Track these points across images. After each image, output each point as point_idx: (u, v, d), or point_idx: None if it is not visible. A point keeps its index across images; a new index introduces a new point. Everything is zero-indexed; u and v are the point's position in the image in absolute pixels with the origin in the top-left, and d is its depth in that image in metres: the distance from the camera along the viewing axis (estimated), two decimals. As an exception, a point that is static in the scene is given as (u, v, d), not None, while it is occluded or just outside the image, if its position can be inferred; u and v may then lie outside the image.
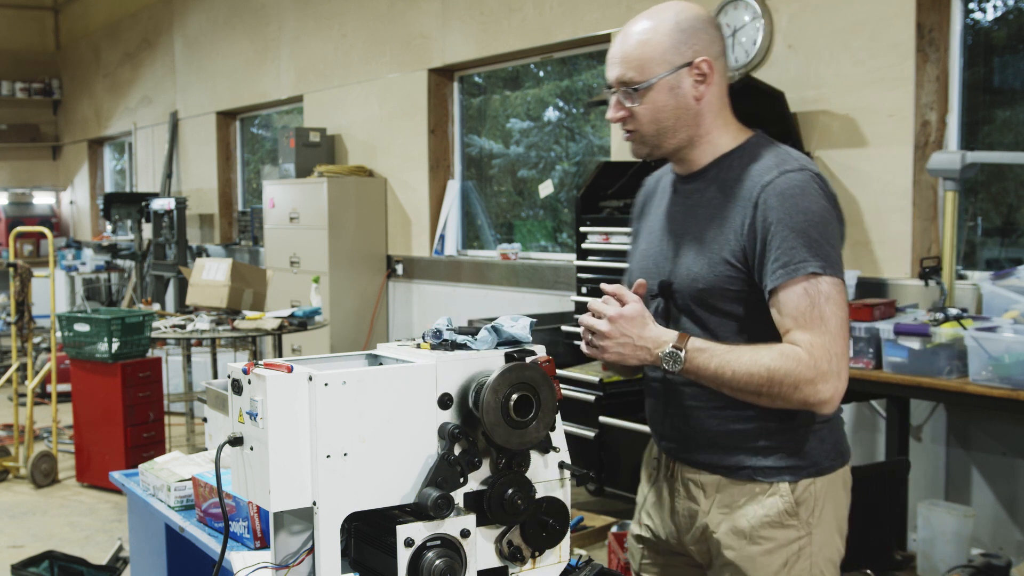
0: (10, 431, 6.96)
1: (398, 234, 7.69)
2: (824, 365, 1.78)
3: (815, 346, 1.78)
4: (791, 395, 1.79)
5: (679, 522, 2.05)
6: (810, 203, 1.83)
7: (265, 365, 1.67)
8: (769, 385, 1.79)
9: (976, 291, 4.14)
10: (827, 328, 1.79)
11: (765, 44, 4.89)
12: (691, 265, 1.94)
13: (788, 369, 1.78)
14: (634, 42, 1.91)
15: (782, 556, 1.93)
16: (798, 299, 1.80)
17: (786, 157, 1.91)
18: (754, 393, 1.81)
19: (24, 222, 11.68)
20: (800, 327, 1.80)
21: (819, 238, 1.81)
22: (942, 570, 3.89)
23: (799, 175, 1.86)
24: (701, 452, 1.99)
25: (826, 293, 1.80)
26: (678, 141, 1.95)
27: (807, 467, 1.94)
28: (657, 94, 1.90)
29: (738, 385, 1.81)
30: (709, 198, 1.96)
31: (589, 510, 4.98)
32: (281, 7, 9.00)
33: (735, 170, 1.93)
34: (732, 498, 1.96)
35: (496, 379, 1.70)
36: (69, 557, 4.39)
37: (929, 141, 4.43)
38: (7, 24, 14.54)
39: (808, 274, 1.79)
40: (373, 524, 1.73)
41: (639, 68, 1.90)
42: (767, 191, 1.85)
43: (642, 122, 1.93)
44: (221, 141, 10.46)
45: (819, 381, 1.78)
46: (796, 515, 1.92)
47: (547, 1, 6.24)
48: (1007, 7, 4.54)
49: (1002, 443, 4.19)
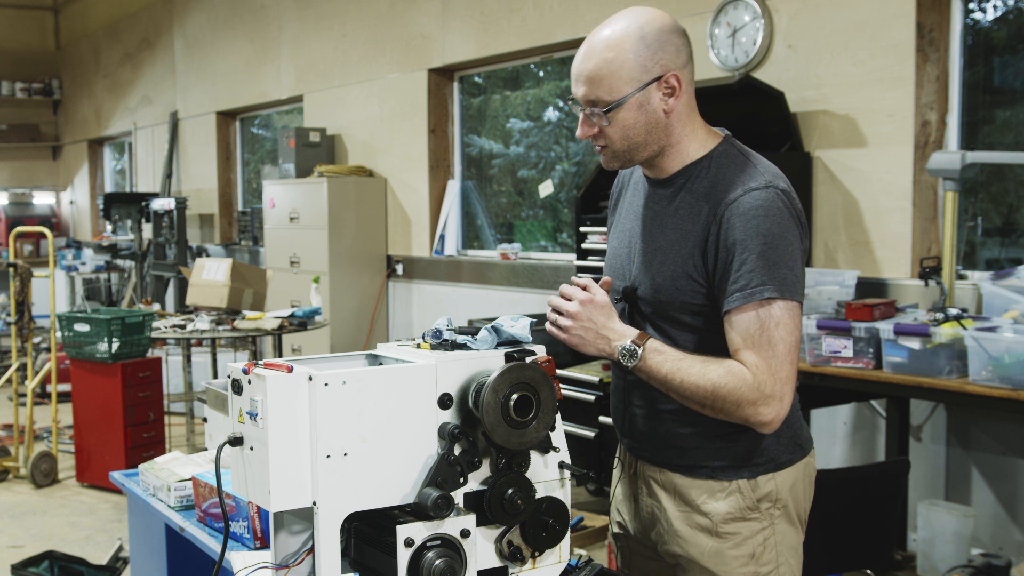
0: (10, 431, 6.96)
1: (398, 234, 7.69)
2: (767, 388, 1.83)
3: (760, 369, 1.82)
4: (733, 411, 1.85)
5: (644, 519, 2.09)
6: (771, 224, 1.83)
7: (265, 365, 1.68)
8: (713, 399, 1.84)
9: (976, 291, 4.14)
10: (774, 352, 1.83)
11: (765, 44, 4.89)
12: (655, 275, 1.96)
13: (732, 387, 1.83)
14: (599, 60, 1.87)
15: (749, 548, 1.97)
16: (749, 322, 1.84)
17: (752, 172, 1.89)
18: (699, 404, 1.87)
19: (24, 222, 11.69)
20: (748, 348, 1.84)
21: (777, 261, 1.83)
22: (942, 570, 3.89)
23: (763, 193, 1.85)
24: (660, 451, 2.03)
25: (777, 318, 1.83)
26: (649, 152, 1.95)
27: (765, 463, 1.97)
28: (627, 112, 1.89)
29: (685, 393, 1.87)
30: (676, 207, 1.96)
31: (589, 510, 4.98)
32: (281, 7, 9.01)
33: (702, 181, 1.93)
34: (693, 496, 1.99)
35: (496, 379, 1.70)
36: (69, 557, 4.39)
37: (929, 141, 4.43)
38: (7, 24, 14.54)
39: (763, 299, 1.82)
40: (373, 524, 1.73)
41: (607, 88, 1.87)
42: (731, 210, 1.85)
43: (613, 139, 1.93)
44: (221, 141, 10.46)
45: (761, 403, 1.83)
46: (758, 508, 1.97)
47: (547, 1, 6.24)
48: (1007, 7, 4.54)
49: (1002, 443, 4.19)
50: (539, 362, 1.77)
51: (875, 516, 3.34)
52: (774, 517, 1.98)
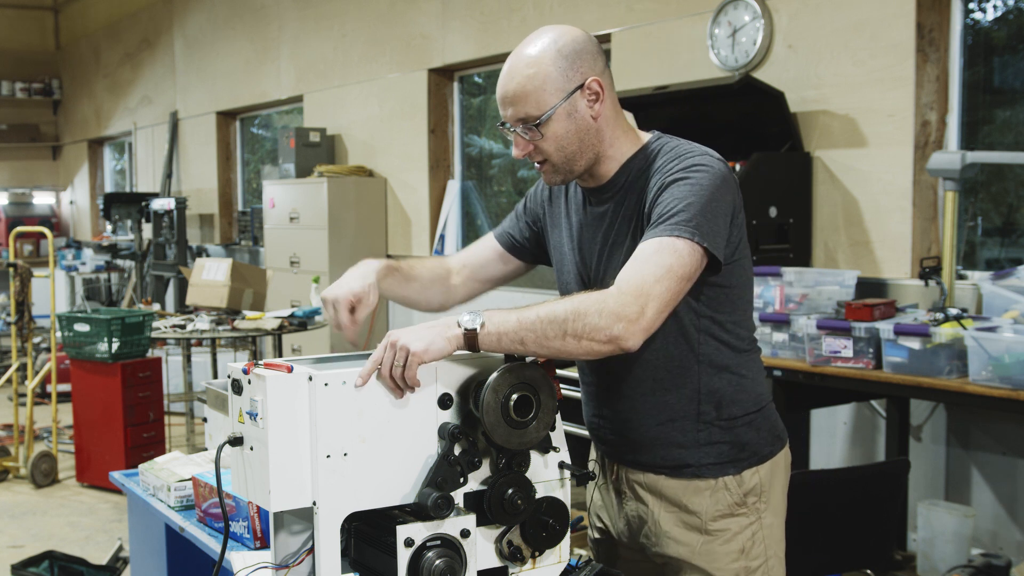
0: (10, 431, 6.96)
1: (398, 234, 7.69)
2: (629, 299, 1.72)
3: (627, 280, 1.74)
4: (594, 326, 1.70)
5: (630, 523, 2.07)
6: (701, 177, 1.83)
7: (265, 365, 1.68)
8: (574, 318, 1.70)
9: (976, 291, 4.14)
10: (653, 273, 1.74)
11: (765, 44, 4.89)
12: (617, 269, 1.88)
13: (593, 300, 1.72)
14: (521, 78, 1.90)
15: (738, 543, 1.98)
16: (644, 248, 1.78)
17: (692, 149, 1.92)
18: (560, 335, 1.70)
19: (24, 222, 11.68)
20: (629, 268, 1.77)
21: (700, 206, 1.80)
22: (942, 570, 3.89)
23: (699, 156, 1.88)
24: (641, 454, 2.01)
25: (676, 248, 1.77)
26: (586, 161, 1.96)
27: (748, 457, 1.98)
28: (557, 123, 1.91)
29: (543, 330, 1.70)
30: (622, 202, 1.97)
31: (589, 510, 4.97)
32: (281, 7, 9.00)
33: (642, 171, 1.95)
34: (679, 496, 1.99)
35: (496, 379, 1.70)
36: (69, 557, 4.39)
37: (929, 141, 4.43)
38: (7, 24, 14.54)
39: (672, 236, 1.77)
40: (373, 524, 1.73)
41: (534, 104, 1.90)
42: (659, 173, 1.88)
43: (549, 152, 1.95)
44: (221, 141, 10.46)
45: (622, 307, 1.71)
46: (745, 503, 1.98)
47: (547, 1, 6.24)
48: (1007, 7, 4.54)
49: (1002, 443, 4.19)
50: (539, 362, 1.77)
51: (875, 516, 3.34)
52: (760, 511, 2.00)
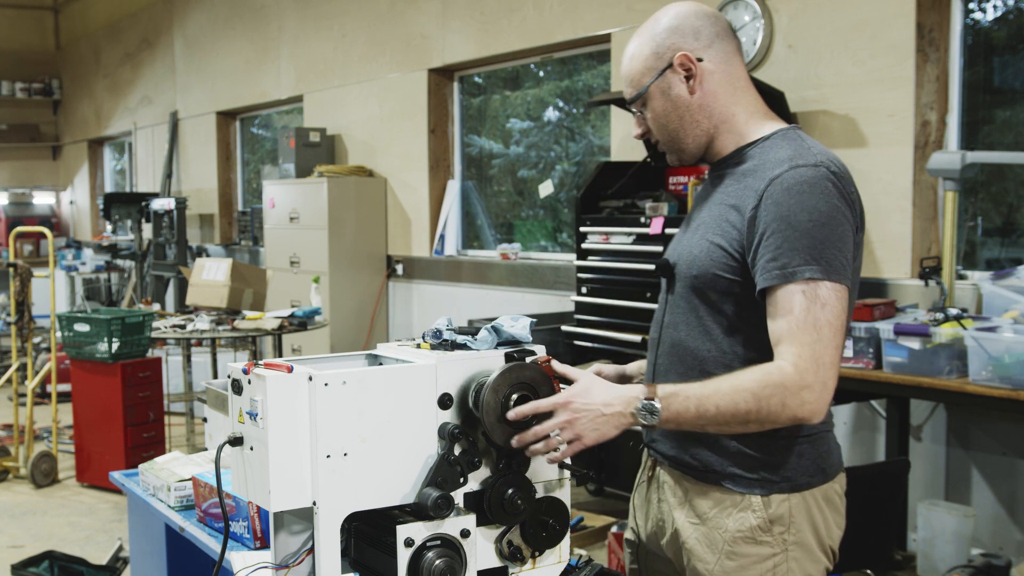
0: (10, 431, 6.96)
1: (398, 234, 7.69)
2: (809, 377, 1.70)
3: (802, 357, 1.70)
4: (780, 414, 1.71)
5: (659, 525, 2.02)
6: (817, 202, 1.74)
7: (265, 365, 1.68)
8: (758, 411, 1.71)
9: (976, 291, 4.14)
10: (819, 336, 1.71)
11: (765, 44, 4.89)
12: (692, 248, 1.91)
13: (774, 387, 1.70)
14: (626, 59, 1.96)
15: (756, 572, 1.85)
16: (790, 303, 1.72)
17: (804, 152, 1.81)
18: (742, 422, 1.73)
19: (24, 222, 11.68)
20: (791, 335, 1.72)
21: (824, 239, 1.73)
22: (942, 570, 3.89)
23: (811, 170, 1.77)
24: (678, 449, 1.94)
25: (823, 299, 1.71)
26: (694, 139, 1.93)
27: (780, 482, 1.85)
28: (654, 102, 1.93)
29: (724, 419, 1.73)
30: (724, 185, 1.91)
31: (589, 510, 4.98)
32: (281, 7, 9.00)
33: (752, 160, 1.88)
34: (703, 508, 1.90)
35: (496, 379, 1.70)
36: (69, 557, 4.39)
37: (929, 141, 4.43)
38: (7, 24, 14.54)
39: (806, 279, 1.71)
40: (373, 524, 1.73)
41: (635, 84, 1.94)
42: (775, 184, 1.77)
43: (654, 131, 1.97)
44: (221, 141, 10.46)
45: (805, 391, 1.70)
46: (770, 531, 1.84)
47: (547, 1, 6.24)
48: (1007, 7, 4.54)
49: (1002, 443, 4.19)
50: (539, 362, 1.77)
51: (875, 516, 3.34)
52: (787, 544, 1.85)
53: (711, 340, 1.87)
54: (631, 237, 4.96)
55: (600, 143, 6.50)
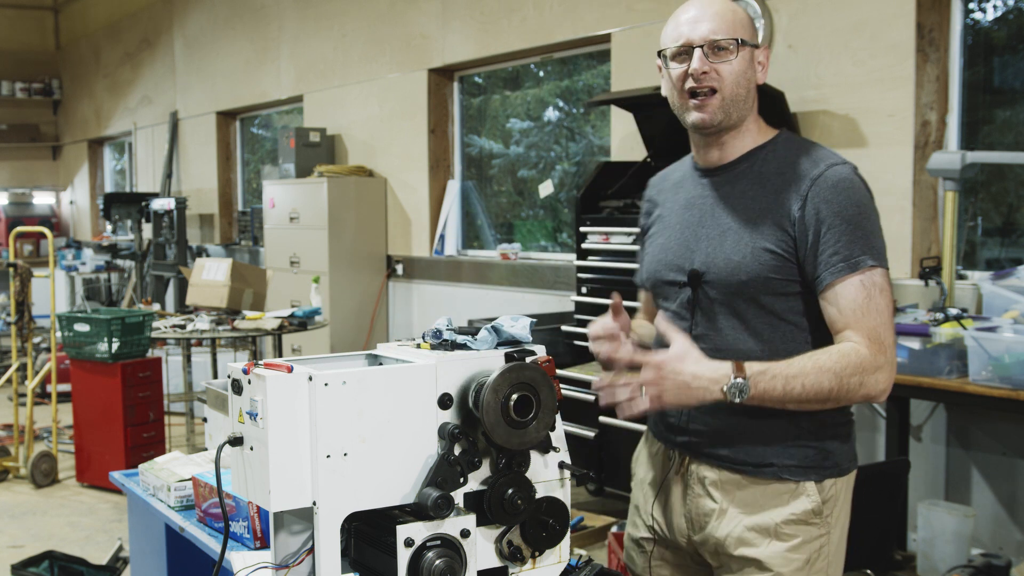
0: (10, 431, 6.96)
1: (398, 234, 7.69)
2: (881, 358, 1.83)
3: (872, 339, 1.83)
4: (857, 391, 1.83)
5: (693, 520, 2.03)
6: (860, 196, 1.90)
7: (265, 365, 1.67)
8: (839, 389, 1.81)
9: (976, 291, 4.14)
10: (882, 320, 1.85)
11: (765, 44, 4.88)
12: (731, 255, 1.93)
13: (854, 368, 1.81)
14: (724, 8, 1.95)
15: (806, 553, 1.94)
16: (856, 292, 1.85)
17: (824, 152, 1.95)
18: (823, 400, 1.83)
19: (24, 222, 11.68)
20: (858, 320, 1.84)
21: (872, 230, 1.89)
22: (942, 570, 3.89)
23: (844, 168, 1.91)
24: (727, 448, 1.97)
25: (880, 285, 1.86)
26: (739, 116, 1.97)
27: (831, 467, 1.96)
28: (742, 60, 1.94)
29: (807, 397, 1.82)
30: (743, 190, 1.97)
31: (589, 510, 4.98)
32: (281, 7, 9.00)
33: (772, 163, 1.96)
34: (754, 497, 1.95)
35: (496, 379, 1.70)
36: (69, 557, 4.39)
37: (929, 141, 4.43)
38: (7, 24, 14.54)
39: (866, 267, 1.85)
40: (373, 524, 1.73)
41: (734, 30, 1.93)
42: (818, 184, 1.89)
43: (727, 82, 1.94)
44: (221, 141, 10.46)
45: (879, 371, 1.83)
46: (821, 514, 1.95)
47: (547, 1, 6.24)
48: (1007, 7, 4.54)
49: (1002, 443, 4.19)
50: (539, 362, 1.77)
51: (875, 516, 3.34)
52: (831, 525, 1.96)
53: (761, 340, 1.93)
54: (631, 237, 4.96)
55: (600, 143, 6.50)
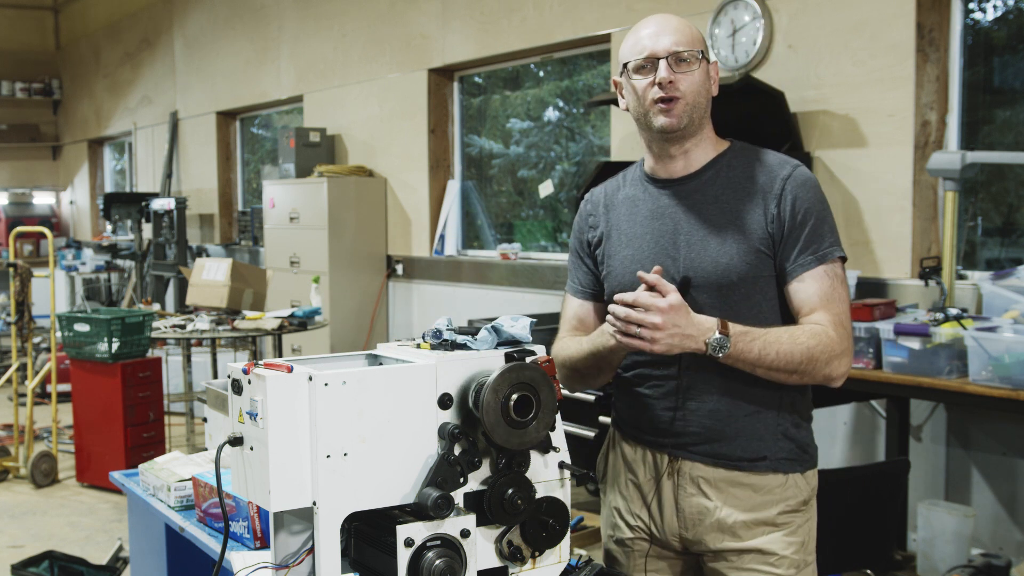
0: (10, 431, 6.96)
1: (398, 234, 7.69)
2: (846, 343, 1.97)
3: (836, 325, 1.96)
4: (821, 370, 1.95)
5: (686, 519, 2.08)
6: (821, 194, 2.04)
7: (265, 365, 1.67)
8: (808, 363, 1.93)
9: (976, 291, 4.14)
10: (845, 308, 1.98)
11: (765, 44, 4.89)
12: (718, 258, 2.01)
13: (823, 347, 1.93)
14: (680, 24, 2.04)
15: (801, 536, 2.06)
16: (823, 281, 1.98)
17: (783, 156, 2.08)
18: (790, 372, 1.94)
19: (24, 222, 11.68)
20: (826, 306, 1.97)
21: (833, 224, 2.03)
22: (942, 570, 3.89)
23: (805, 169, 2.06)
24: (723, 445, 2.04)
25: (840, 276, 2.00)
26: (698, 123, 2.05)
27: (810, 460, 2.10)
28: (702, 71, 2.03)
29: (778, 365, 1.92)
30: (716, 195, 2.05)
31: (589, 510, 4.98)
32: (281, 7, 9.00)
33: (737, 169, 2.06)
34: (749, 492, 2.04)
35: (496, 379, 1.70)
36: (69, 557, 4.39)
37: (929, 141, 4.43)
38: (7, 24, 14.54)
39: (833, 259, 1.99)
40: (373, 524, 1.73)
41: (695, 43, 2.02)
42: (789, 183, 2.01)
43: (688, 91, 2.01)
44: (221, 141, 10.46)
45: (843, 356, 1.96)
46: (808, 502, 2.08)
47: (547, 1, 6.24)
48: (1007, 7, 4.54)
49: (1002, 443, 4.19)
50: (539, 362, 1.77)
51: (875, 516, 3.34)
52: (813, 510, 2.11)
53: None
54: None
55: (600, 143, 6.50)
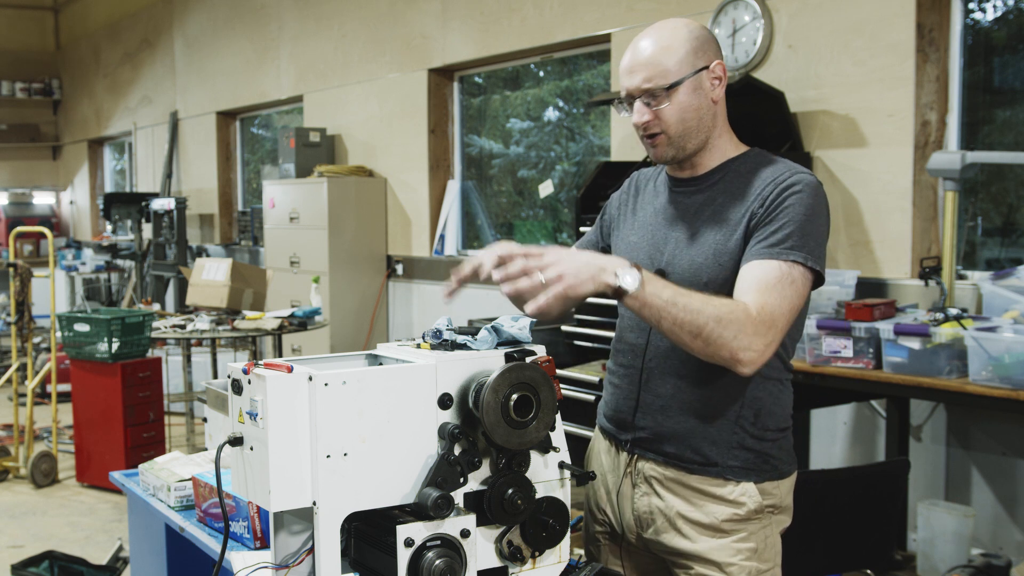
0: (10, 431, 6.96)
1: (398, 234, 7.69)
2: (763, 328, 1.83)
3: (762, 308, 1.84)
4: (726, 344, 1.81)
5: (640, 518, 2.10)
6: (813, 203, 1.94)
7: (265, 365, 1.67)
8: (713, 331, 1.80)
9: (976, 291, 4.14)
10: (781, 305, 1.86)
11: (765, 44, 4.89)
12: (695, 257, 2.00)
13: (735, 317, 1.81)
14: (655, 49, 1.98)
15: (753, 543, 2.02)
16: (770, 272, 1.87)
17: (795, 166, 2.01)
18: (693, 334, 1.81)
19: (24, 222, 11.69)
20: (759, 292, 1.86)
21: (813, 234, 1.91)
22: (942, 570, 3.89)
23: (807, 176, 1.97)
24: (672, 444, 2.04)
25: (795, 281, 1.88)
26: (697, 143, 2.03)
27: (772, 471, 2.04)
28: (683, 95, 1.98)
29: (682, 321, 1.80)
30: (713, 197, 2.04)
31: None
32: (281, 7, 9.00)
33: (743, 175, 2.03)
34: (699, 495, 2.03)
35: (496, 379, 1.70)
36: (69, 557, 4.39)
37: (929, 141, 4.43)
38: (7, 24, 14.54)
39: (791, 261, 1.88)
40: (373, 524, 1.73)
41: (664, 72, 1.97)
42: (778, 183, 1.95)
43: (669, 123, 1.99)
44: (221, 141, 10.46)
45: (756, 338, 1.82)
46: (761, 511, 2.03)
47: (547, 1, 6.24)
48: (1007, 7, 4.54)
49: (1002, 443, 4.19)
50: (539, 362, 1.77)
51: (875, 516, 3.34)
52: (772, 519, 2.05)
53: None
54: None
55: (600, 143, 6.50)
